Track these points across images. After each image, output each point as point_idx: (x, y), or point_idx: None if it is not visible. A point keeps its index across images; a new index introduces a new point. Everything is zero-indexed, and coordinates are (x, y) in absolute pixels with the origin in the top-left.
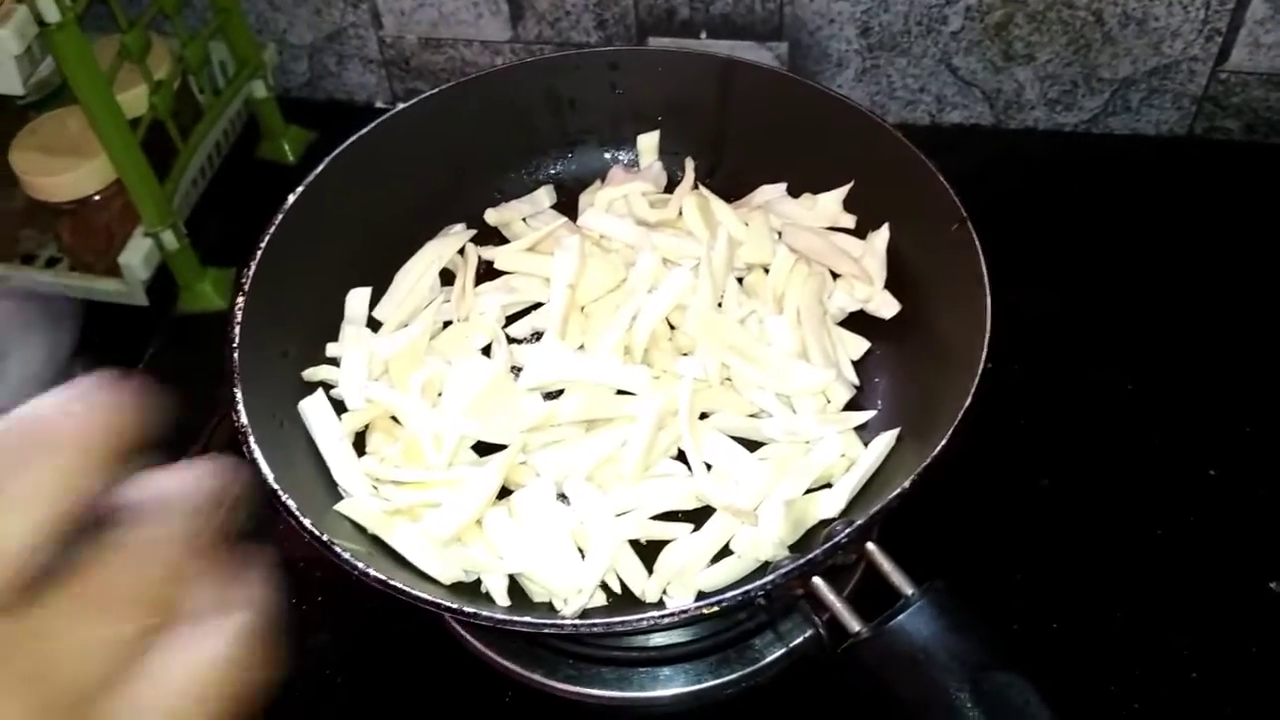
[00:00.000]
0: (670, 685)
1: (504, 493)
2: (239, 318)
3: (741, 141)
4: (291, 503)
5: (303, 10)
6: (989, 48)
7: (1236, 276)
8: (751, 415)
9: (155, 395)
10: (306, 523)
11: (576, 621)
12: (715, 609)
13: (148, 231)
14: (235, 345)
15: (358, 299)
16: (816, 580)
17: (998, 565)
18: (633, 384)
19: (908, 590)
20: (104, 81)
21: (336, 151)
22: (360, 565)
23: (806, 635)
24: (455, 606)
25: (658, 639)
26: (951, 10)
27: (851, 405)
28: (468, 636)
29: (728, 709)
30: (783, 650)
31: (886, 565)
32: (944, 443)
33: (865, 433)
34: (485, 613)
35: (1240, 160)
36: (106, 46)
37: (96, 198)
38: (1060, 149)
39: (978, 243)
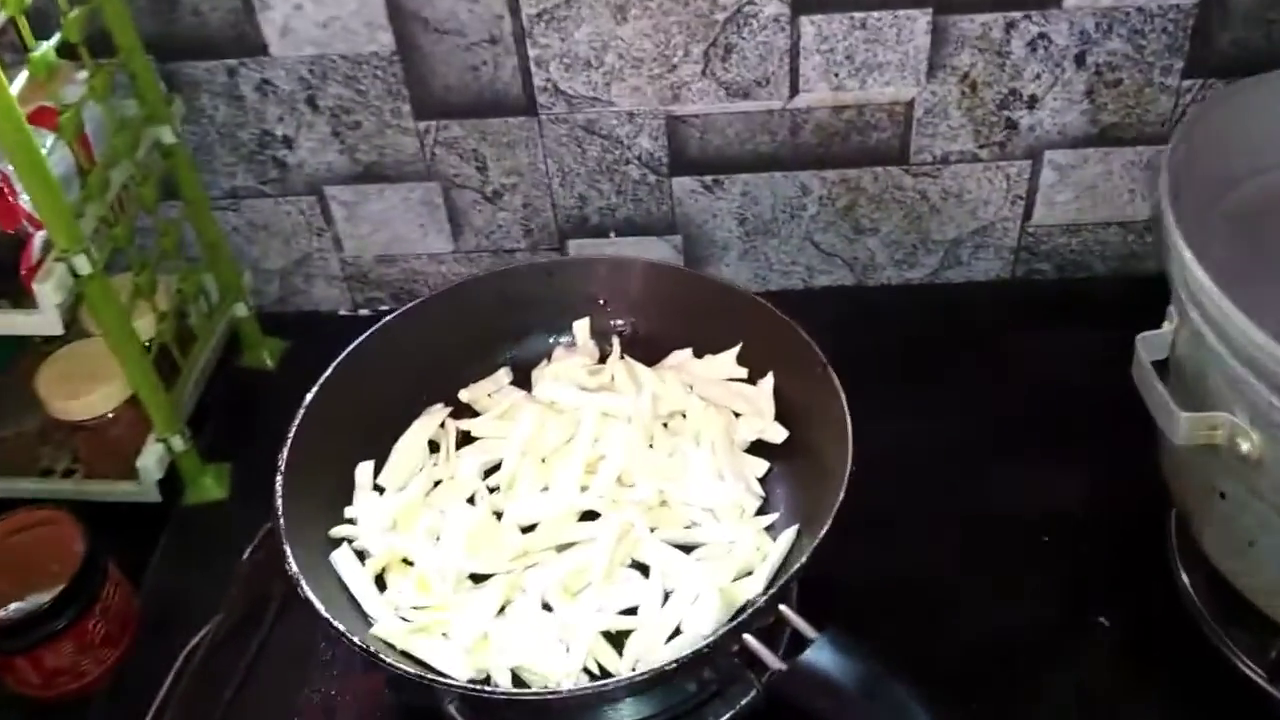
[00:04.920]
0: None
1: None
2: (280, 493)
3: (654, 319)
4: (341, 627)
5: (275, 242)
6: (841, 225)
7: (1055, 388)
8: (686, 527)
9: None
10: (356, 640)
11: (566, 689)
12: (674, 666)
13: (159, 438)
14: (280, 515)
15: (364, 470)
16: (748, 637)
17: (877, 612)
18: (593, 505)
19: (812, 635)
20: (126, 317)
21: (338, 360)
22: (402, 667)
23: (748, 697)
24: (474, 688)
25: (633, 709)
26: (808, 199)
27: (760, 512)
28: None
29: None
30: (729, 713)
31: (795, 619)
32: (826, 529)
33: (773, 531)
34: (495, 694)
35: (1054, 294)
36: (120, 286)
37: (111, 415)
38: (909, 299)
39: (836, 380)
